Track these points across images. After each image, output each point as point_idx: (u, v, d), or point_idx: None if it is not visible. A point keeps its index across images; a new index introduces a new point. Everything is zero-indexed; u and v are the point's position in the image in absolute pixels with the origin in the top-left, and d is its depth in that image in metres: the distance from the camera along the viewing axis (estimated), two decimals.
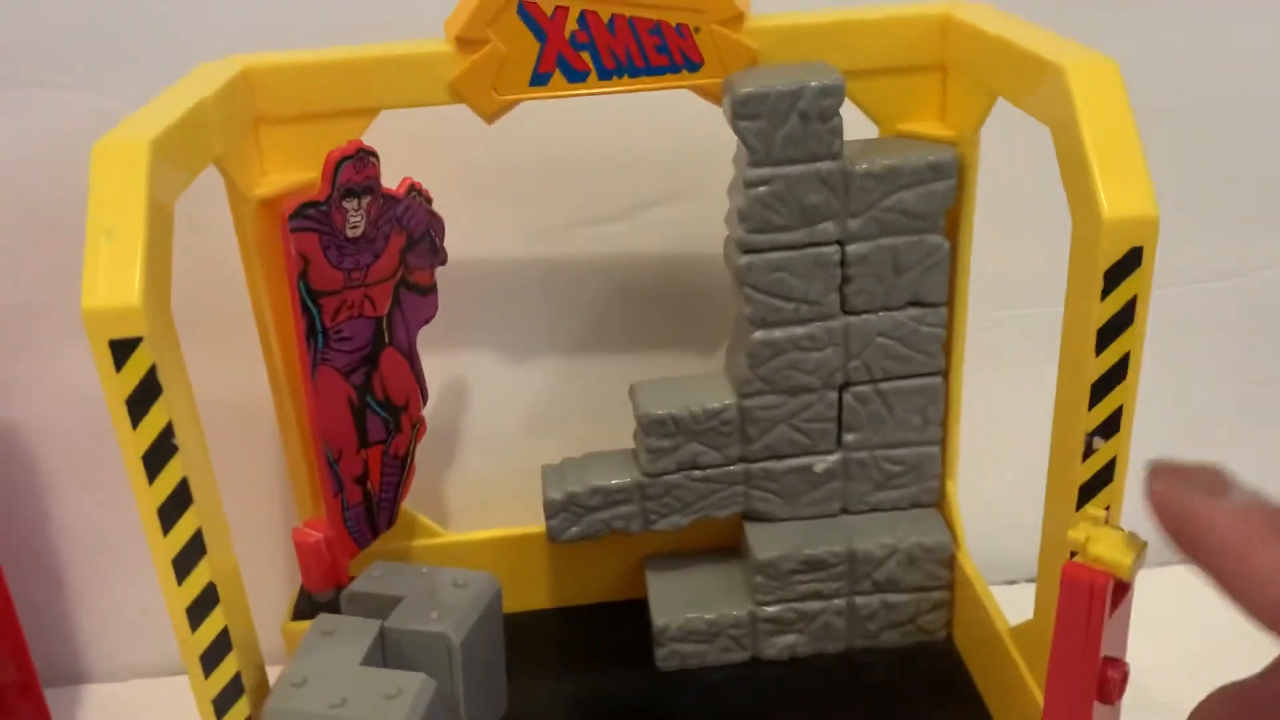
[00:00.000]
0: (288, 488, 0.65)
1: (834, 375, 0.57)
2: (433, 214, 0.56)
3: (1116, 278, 0.41)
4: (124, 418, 0.39)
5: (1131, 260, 0.41)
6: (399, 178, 0.54)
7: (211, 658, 0.44)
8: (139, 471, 0.40)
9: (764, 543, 0.59)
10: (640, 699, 0.59)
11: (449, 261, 0.58)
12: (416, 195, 0.55)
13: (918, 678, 0.59)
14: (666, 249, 0.65)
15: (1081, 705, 0.38)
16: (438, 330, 0.59)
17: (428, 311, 0.58)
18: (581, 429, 0.65)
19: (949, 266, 0.55)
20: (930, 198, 0.53)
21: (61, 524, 0.67)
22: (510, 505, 0.66)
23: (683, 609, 0.60)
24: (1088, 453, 0.44)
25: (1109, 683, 0.38)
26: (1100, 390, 0.43)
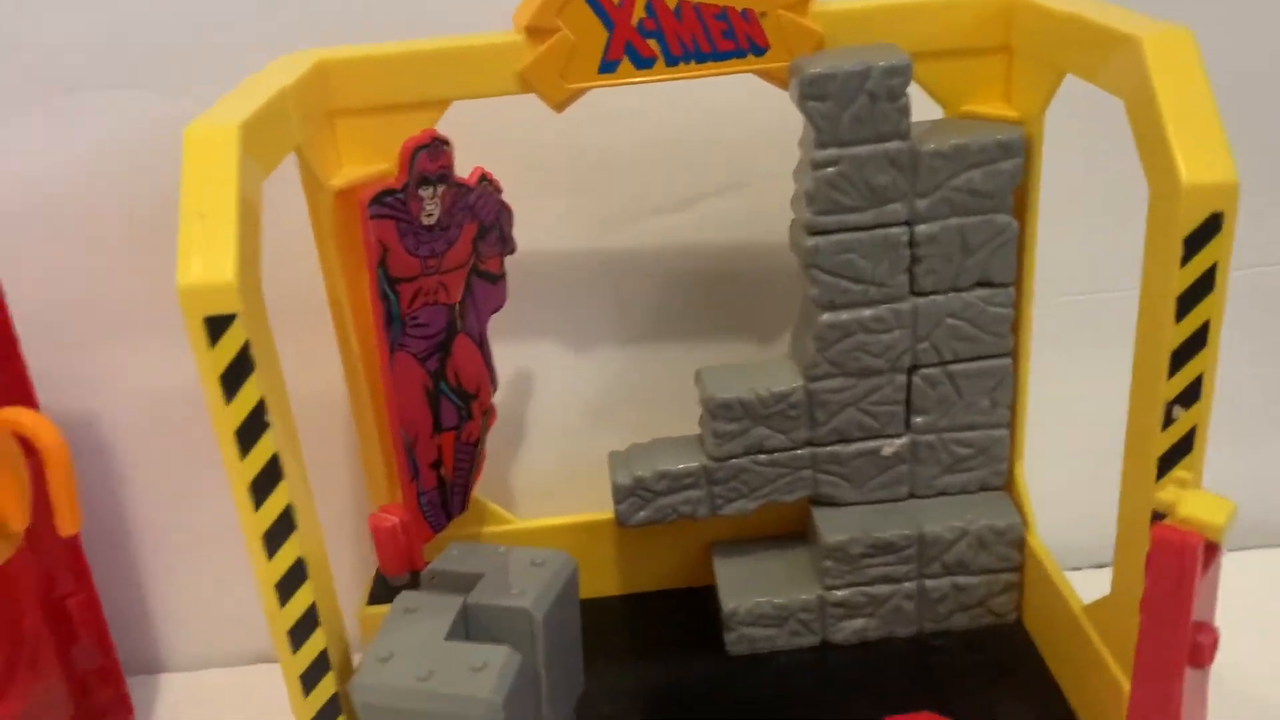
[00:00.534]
0: (357, 478, 0.66)
1: (902, 357, 0.57)
2: (503, 203, 0.57)
3: (1196, 244, 0.41)
4: (217, 394, 0.40)
5: (1211, 226, 0.41)
6: (466, 170, 0.55)
7: (299, 633, 0.44)
8: (231, 447, 0.41)
9: (832, 526, 0.59)
10: (711, 684, 0.59)
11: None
12: (487, 184, 0.56)
13: (988, 660, 0.58)
14: (726, 239, 0.66)
15: (1173, 671, 0.38)
16: (502, 320, 0.60)
17: (497, 299, 0.59)
18: (645, 417, 0.65)
19: (1016, 246, 0.55)
20: (998, 176, 0.54)
21: (137, 516, 0.68)
22: (576, 494, 0.66)
23: (752, 593, 0.60)
24: (1167, 422, 0.44)
25: (1200, 648, 0.38)
26: (1180, 358, 0.43)
